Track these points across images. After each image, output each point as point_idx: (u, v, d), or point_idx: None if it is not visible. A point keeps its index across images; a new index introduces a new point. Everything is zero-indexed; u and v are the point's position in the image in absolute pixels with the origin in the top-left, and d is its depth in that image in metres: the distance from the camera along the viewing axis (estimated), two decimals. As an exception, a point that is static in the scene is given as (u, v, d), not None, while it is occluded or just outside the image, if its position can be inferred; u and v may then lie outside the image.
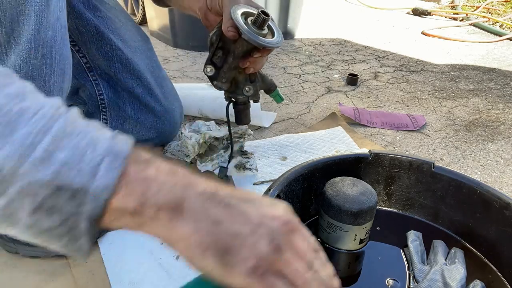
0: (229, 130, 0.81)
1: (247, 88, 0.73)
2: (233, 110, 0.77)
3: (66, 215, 0.30)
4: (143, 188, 0.31)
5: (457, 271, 0.55)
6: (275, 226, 0.33)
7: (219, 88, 0.72)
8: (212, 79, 0.71)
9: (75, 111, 0.32)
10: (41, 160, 0.28)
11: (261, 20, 0.62)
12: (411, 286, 0.56)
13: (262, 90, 0.76)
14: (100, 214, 0.30)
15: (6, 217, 0.29)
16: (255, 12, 0.63)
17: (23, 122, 0.28)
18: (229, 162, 0.82)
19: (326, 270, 0.36)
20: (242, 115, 0.77)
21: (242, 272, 0.31)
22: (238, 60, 0.67)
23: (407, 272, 0.59)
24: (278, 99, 0.80)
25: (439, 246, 0.61)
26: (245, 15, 0.63)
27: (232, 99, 0.76)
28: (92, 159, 0.29)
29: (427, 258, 0.60)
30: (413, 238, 0.62)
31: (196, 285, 0.36)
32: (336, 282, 0.36)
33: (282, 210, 0.34)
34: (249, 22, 0.63)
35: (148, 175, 0.32)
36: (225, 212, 0.33)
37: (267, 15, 0.62)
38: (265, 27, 0.64)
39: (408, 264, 0.60)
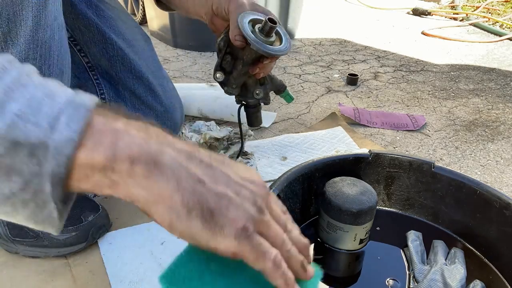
0: (240, 132, 0.81)
1: (257, 91, 0.73)
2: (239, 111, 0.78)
3: (27, 176, 0.26)
4: (113, 139, 0.27)
5: (457, 271, 0.55)
6: (255, 189, 0.32)
7: (230, 94, 0.72)
8: (222, 85, 0.71)
9: (32, 68, 0.28)
10: None
11: (268, 28, 0.62)
12: (411, 286, 0.56)
13: (272, 91, 0.76)
14: (65, 173, 0.27)
15: None
16: (262, 18, 0.63)
17: None
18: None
19: (296, 230, 0.37)
20: (253, 118, 0.78)
21: (231, 233, 0.30)
22: (247, 66, 0.67)
23: (407, 272, 0.59)
24: (289, 98, 0.80)
25: (439, 246, 0.61)
26: (252, 22, 0.63)
27: (243, 102, 0.76)
28: (51, 111, 0.26)
29: (427, 258, 0.60)
30: (413, 238, 0.62)
31: (187, 258, 0.35)
32: (305, 239, 0.38)
33: (255, 175, 0.35)
34: (257, 29, 0.63)
35: (117, 127, 0.28)
36: (208, 172, 0.31)
37: (274, 22, 0.62)
38: (273, 34, 0.64)
39: (408, 264, 0.60)
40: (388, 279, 0.58)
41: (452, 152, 1.00)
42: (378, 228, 0.66)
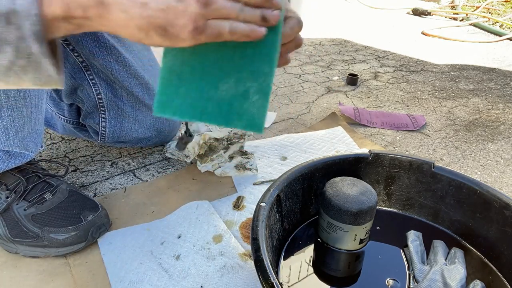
0: None
1: None
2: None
3: (14, 42, 0.32)
4: (60, 2, 0.33)
5: (457, 271, 0.55)
6: None
7: None
8: None
9: None
10: None
11: None
12: (411, 286, 0.56)
13: None
14: (42, 29, 0.33)
15: None
16: None
17: None
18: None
19: None
20: None
21: (187, 36, 0.36)
22: None
23: (407, 272, 0.59)
24: None
25: (439, 246, 0.61)
26: None
27: None
28: None
29: (427, 258, 0.60)
30: (413, 238, 0.62)
31: (168, 69, 0.42)
32: None
33: None
34: None
35: None
36: None
37: None
38: None
39: (408, 264, 0.60)
40: (388, 279, 0.58)
41: (452, 152, 1.00)
42: (378, 228, 0.66)
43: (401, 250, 0.63)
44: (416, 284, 0.56)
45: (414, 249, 0.60)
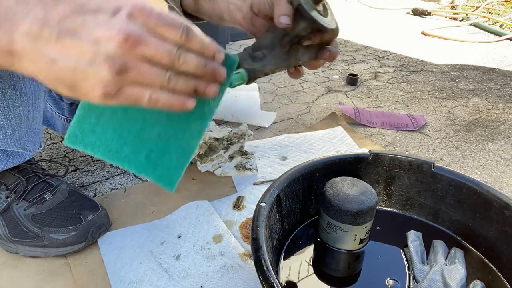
0: None
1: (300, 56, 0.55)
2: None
3: None
4: None
5: (457, 271, 0.55)
6: (112, 49, 0.32)
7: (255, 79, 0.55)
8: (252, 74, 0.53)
9: None
10: None
11: None
12: (411, 286, 0.56)
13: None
14: None
15: None
16: None
17: None
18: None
19: (194, 45, 0.35)
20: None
21: (96, 99, 0.34)
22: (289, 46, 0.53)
23: (407, 272, 0.59)
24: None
25: (439, 246, 0.61)
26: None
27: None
28: None
29: (427, 258, 0.60)
30: (413, 238, 0.62)
31: (84, 111, 0.40)
32: (212, 46, 0.36)
33: (117, 24, 0.32)
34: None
35: None
36: (58, 47, 0.32)
37: None
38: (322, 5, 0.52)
39: (408, 264, 0.60)
40: (388, 279, 0.58)
41: (452, 152, 1.00)
42: (378, 228, 0.66)
43: (401, 250, 0.63)
44: (416, 284, 0.56)
45: (414, 249, 0.60)
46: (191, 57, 0.35)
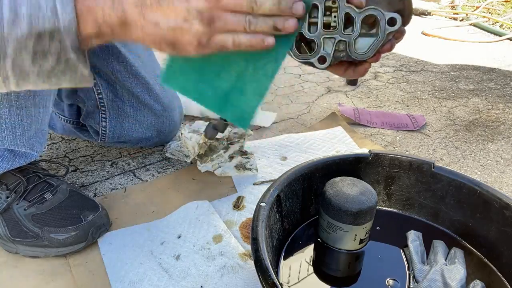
0: None
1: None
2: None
3: (56, 53, 0.39)
4: (93, 17, 0.40)
5: (457, 271, 0.55)
6: (200, 5, 0.39)
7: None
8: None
9: None
10: (12, 20, 0.37)
11: None
12: (411, 286, 0.56)
13: None
14: (79, 43, 0.40)
15: (19, 74, 0.40)
16: None
17: None
18: None
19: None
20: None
21: (192, 50, 0.41)
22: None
23: (407, 272, 0.59)
24: None
25: (439, 246, 0.61)
26: None
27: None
28: (47, 3, 0.38)
29: (427, 258, 0.60)
30: (413, 238, 0.62)
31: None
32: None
33: None
34: None
35: (89, 3, 0.39)
36: (159, 11, 0.39)
37: None
38: None
39: (408, 264, 0.60)
40: (388, 279, 0.58)
41: (452, 152, 1.00)
42: (378, 228, 0.66)
43: (401, 250, 0.63)
44: (416, 284, 0.56)
45: (414, 249, 0.60)
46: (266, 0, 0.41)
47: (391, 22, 0.44)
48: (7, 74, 0.39)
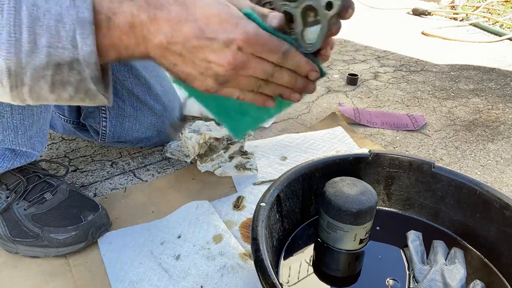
0: None
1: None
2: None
3: (75, 83, 0.39)
4: (116, 51, 0.40)
5: (457, 271, 0.55)
6: (220, 71, 0.41)
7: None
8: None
9: None
10: (31, 50, 0.36)
11: None
12: (411, 286, 0.56)
13: None
14: (98, 74, 0.39)
15: (36, 99, 0.39)
16: None
17: None
18: None
19: (290, 65, 0.43)
20: None
21: (200, 91, 0.44)
22: None
23: (407, 272, 0.59)
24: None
25: (439, 246, 0.61)
26: None
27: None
28: (66, 34, 0.36)
29: (427, 258, 0.60)
30: (413, 238, 0.62)
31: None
32: (306, 67, 0.44)
33: (228, 55, 0.40)
34: None
35: (114, 40, 0.39)
36: (180, 59, 0.41)
37: None
38: None
39: (408, 264, 0.60)
40: (388, 279, 0.58)
41: (452, 152, 1.00)
42: (378, 228, 0.66)
43: (401, 250, 0.63)
44: (416, 284, 0.56)
45: (414, 249, 0.60)
46: (284, 75, 0.44)
47: (329, 6, 0.42)
48: (24, 98, 0.39)
